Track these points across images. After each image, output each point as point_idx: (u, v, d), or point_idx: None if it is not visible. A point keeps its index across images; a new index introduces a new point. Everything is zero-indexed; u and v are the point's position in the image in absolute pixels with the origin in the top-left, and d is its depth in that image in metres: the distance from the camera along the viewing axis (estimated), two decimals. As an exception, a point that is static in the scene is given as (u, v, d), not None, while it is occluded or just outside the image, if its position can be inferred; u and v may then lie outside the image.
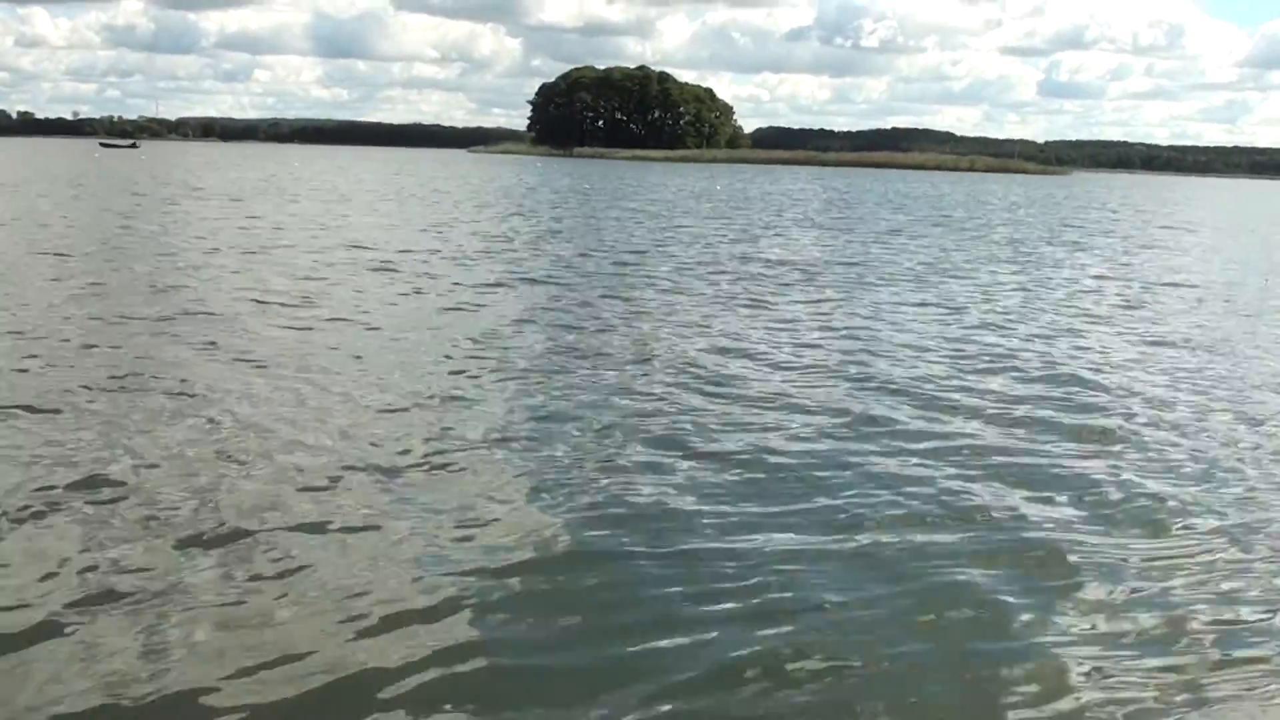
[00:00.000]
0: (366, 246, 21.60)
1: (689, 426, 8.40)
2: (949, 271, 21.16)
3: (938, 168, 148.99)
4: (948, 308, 15.86)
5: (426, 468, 7.07)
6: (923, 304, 16.23)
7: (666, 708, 4.25)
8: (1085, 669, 4.68)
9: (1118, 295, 18.27)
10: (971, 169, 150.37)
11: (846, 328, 13.68)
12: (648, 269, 19.55)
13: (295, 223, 27.54)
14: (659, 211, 38.12)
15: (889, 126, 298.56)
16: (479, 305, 14.68)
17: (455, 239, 24.45)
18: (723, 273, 19.20)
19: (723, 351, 11.59)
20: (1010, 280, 20.06)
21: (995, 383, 10.49)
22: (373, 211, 33.96)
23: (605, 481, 6.91)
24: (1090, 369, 11.38)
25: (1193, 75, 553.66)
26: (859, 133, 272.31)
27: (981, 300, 16.89)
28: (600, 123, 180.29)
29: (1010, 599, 5.35)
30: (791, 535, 6.09)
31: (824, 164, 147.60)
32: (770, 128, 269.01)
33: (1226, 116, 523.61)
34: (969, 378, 10.70)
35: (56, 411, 8.07)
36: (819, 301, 16.04)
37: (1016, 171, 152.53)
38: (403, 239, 23.97)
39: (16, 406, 8.12)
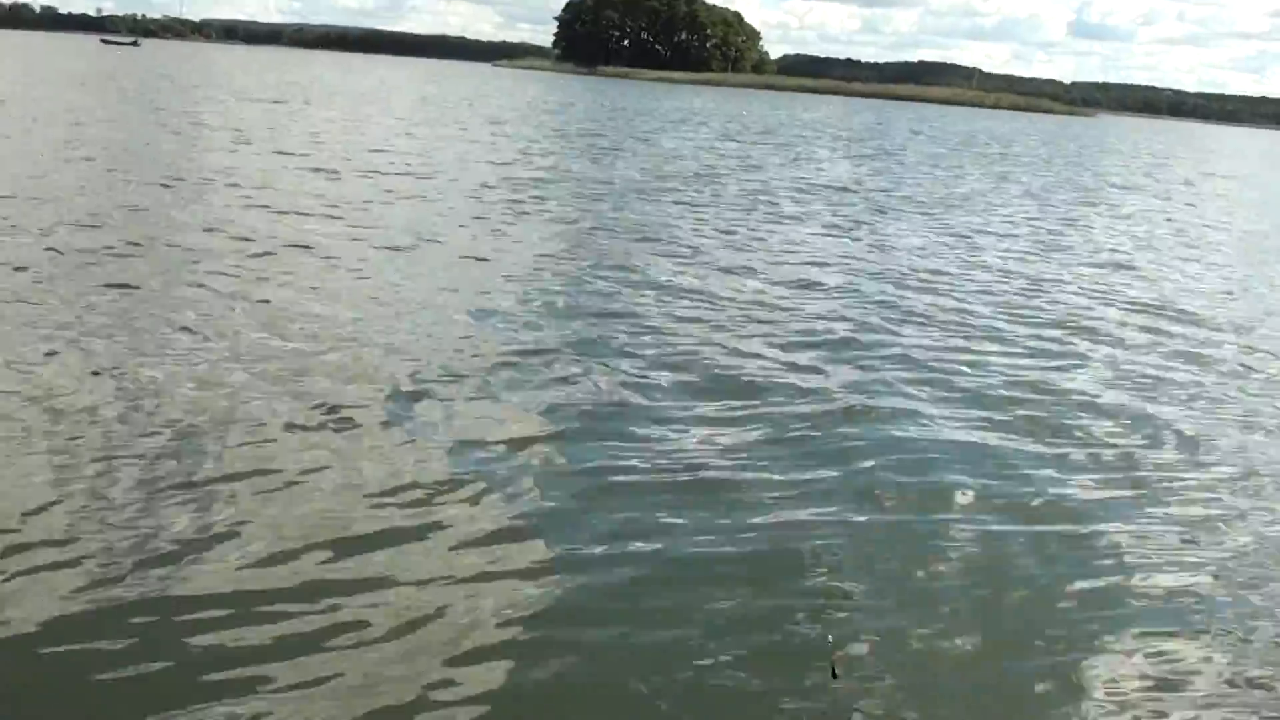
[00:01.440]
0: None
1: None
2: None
3: (964, 103, 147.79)
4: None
5: (464, 379, 7.30)
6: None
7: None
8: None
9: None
10: (997, 106, 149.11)
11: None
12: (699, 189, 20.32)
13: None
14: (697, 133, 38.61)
15: (916, 59, 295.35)
16: (529, 212, 15.56)
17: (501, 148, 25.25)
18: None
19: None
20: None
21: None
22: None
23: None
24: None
25: (1224, 23, 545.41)
26: (885, 64, 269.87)
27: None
28: (626, 42, 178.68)
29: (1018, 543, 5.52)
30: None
31: (849, 94, 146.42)
32: (797, 55, 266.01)
33: (1256, 66, 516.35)
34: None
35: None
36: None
37: (1044, 111, 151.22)
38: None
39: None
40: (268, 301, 8.84)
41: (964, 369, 8.60)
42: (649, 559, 4.95)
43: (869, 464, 6.30)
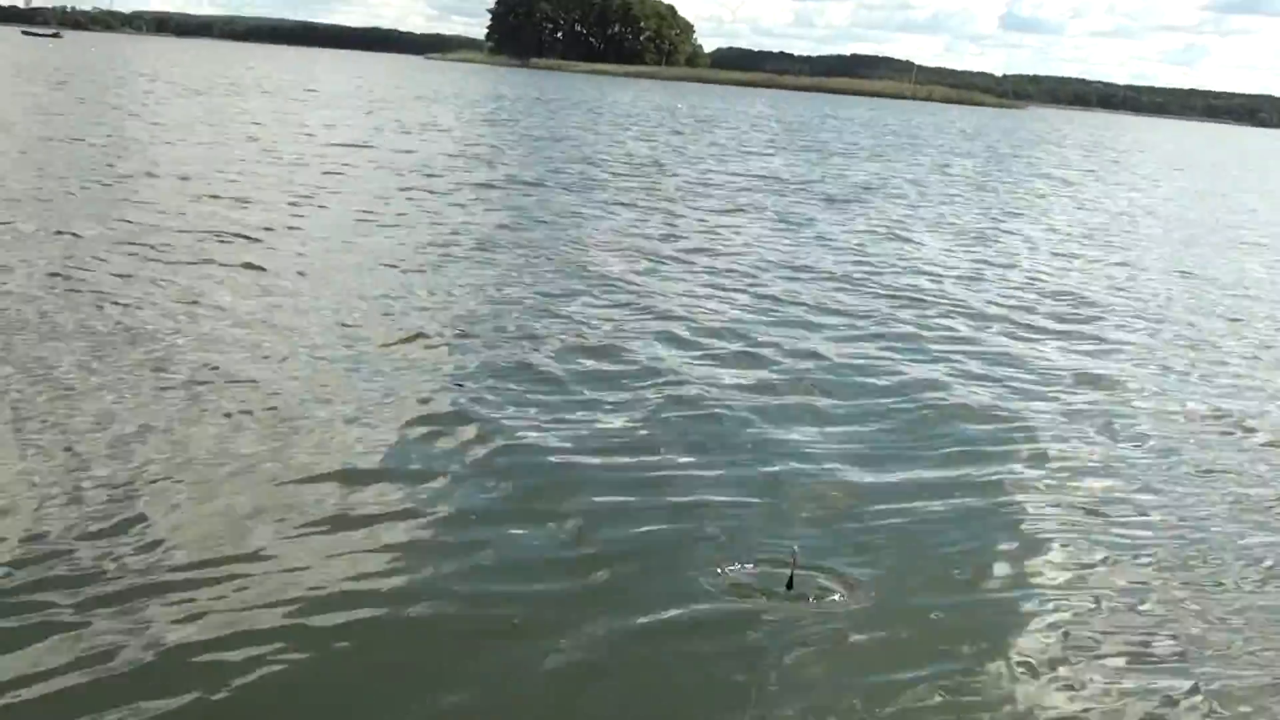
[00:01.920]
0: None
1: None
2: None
3: (896, 96, 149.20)
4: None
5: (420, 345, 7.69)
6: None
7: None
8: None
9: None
10: (930, 99, 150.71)
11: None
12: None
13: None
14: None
15: (849, 53, 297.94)
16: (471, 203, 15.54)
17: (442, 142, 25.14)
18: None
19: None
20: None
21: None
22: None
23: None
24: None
25: (1153, 15, 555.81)
26: (819, 58, 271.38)
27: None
28: (559, 34, 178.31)
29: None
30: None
31: (783, 87, 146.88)
32: (730, 48, 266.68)
33: (1185, 59, 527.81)
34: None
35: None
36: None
37: (976, 104, 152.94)
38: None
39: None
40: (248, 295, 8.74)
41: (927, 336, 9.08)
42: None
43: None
